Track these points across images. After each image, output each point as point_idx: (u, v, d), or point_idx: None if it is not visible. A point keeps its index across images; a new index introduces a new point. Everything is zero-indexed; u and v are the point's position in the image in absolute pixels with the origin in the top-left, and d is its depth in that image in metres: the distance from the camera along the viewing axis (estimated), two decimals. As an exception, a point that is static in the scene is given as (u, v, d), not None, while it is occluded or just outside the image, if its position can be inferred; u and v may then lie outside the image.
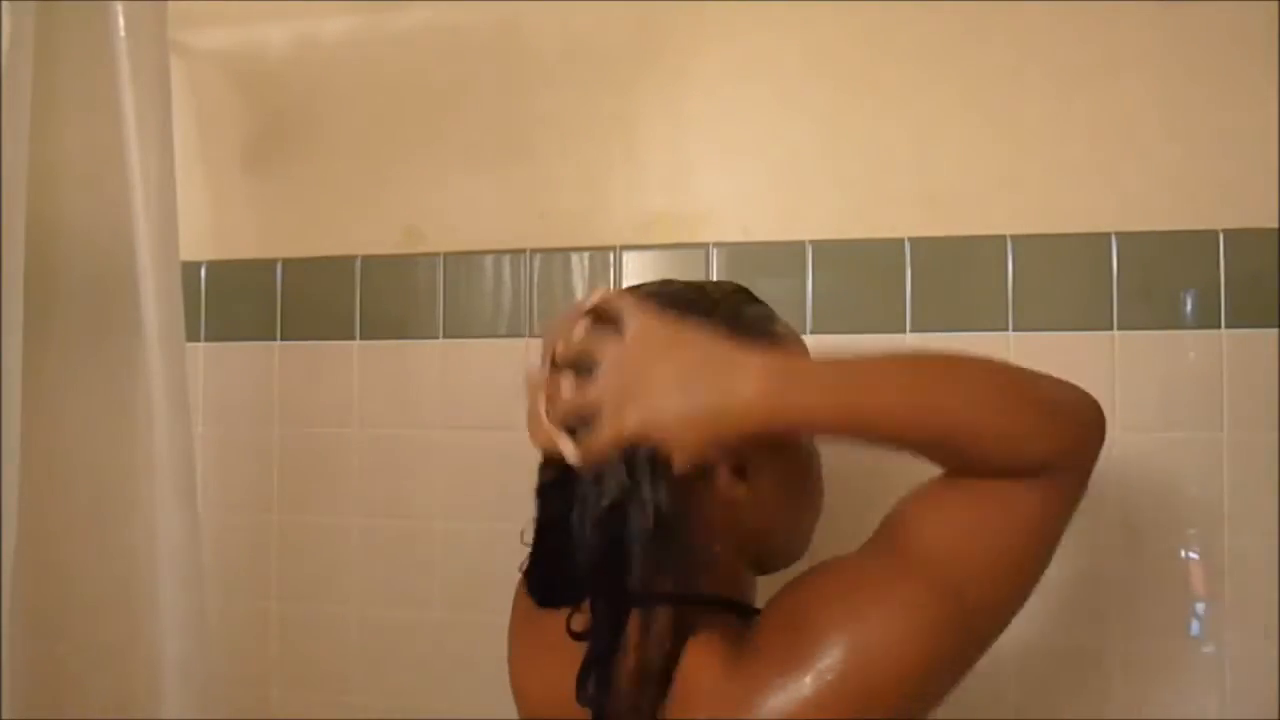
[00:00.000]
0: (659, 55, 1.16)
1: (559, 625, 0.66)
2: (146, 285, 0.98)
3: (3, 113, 0.87)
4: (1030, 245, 1.06)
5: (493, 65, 1.21)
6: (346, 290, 1.23)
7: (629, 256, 1.16)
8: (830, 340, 1.08)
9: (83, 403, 1.05)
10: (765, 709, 0.57)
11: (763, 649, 0.60)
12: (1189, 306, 1.03)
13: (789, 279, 1.10)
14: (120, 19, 0.96)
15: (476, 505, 1.17)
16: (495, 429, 1.15)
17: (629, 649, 0.61)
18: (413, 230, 1.23)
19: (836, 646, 0.57)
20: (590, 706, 0.62)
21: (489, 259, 1.19)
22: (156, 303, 0.98)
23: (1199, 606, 1.02)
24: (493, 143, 1.21)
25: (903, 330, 1.08)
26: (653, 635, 0.62)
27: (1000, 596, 0.60)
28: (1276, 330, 1.00)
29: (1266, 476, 1.00)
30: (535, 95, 1.20)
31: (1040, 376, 0.63)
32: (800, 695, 0.56)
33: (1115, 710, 1.03)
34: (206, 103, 1.29)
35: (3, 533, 0.87)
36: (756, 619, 0.65)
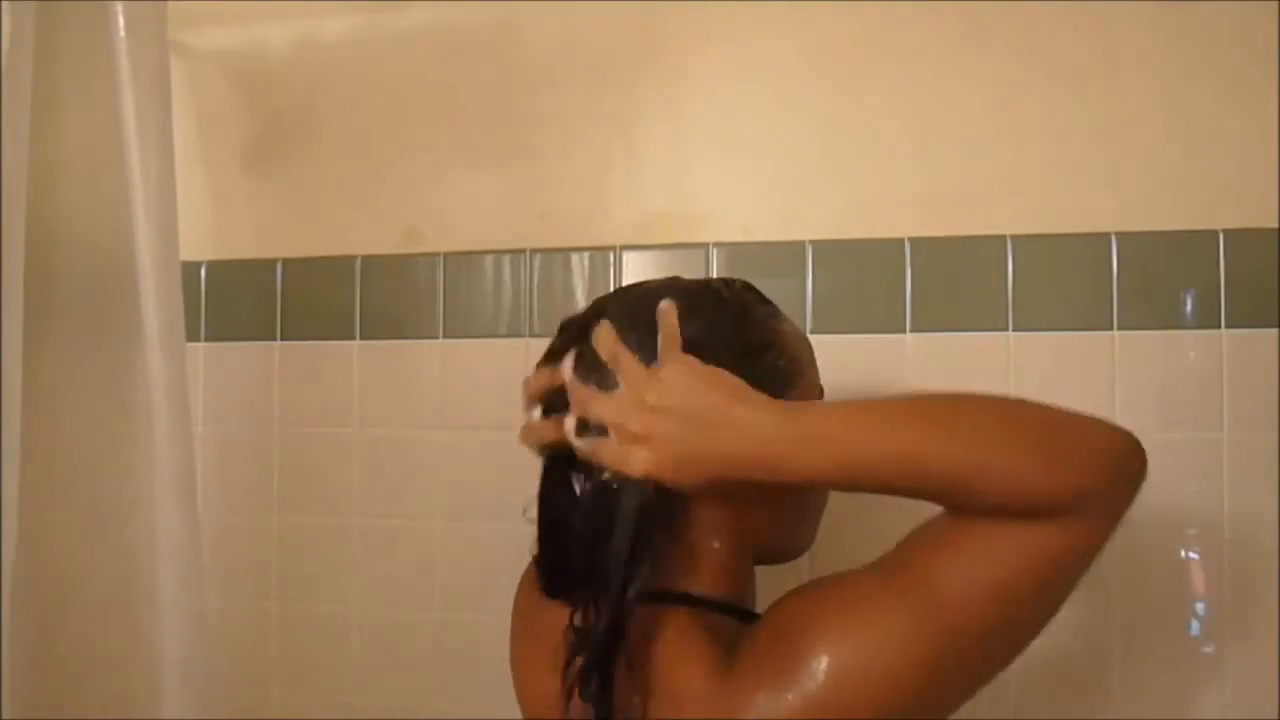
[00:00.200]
0: (659, 55, 1.16)
1: (558, 623, 0.66)
2: (146, 285, 0.98)
3: (3, 113, 0.87)
4: (1030, 245, 1.06)
5: (493, 65, 1.21)
6: (346, 290, 1.23)
7: (629, 256, 1.16)
8: (834, 339, 1.08)
9: (83, 402, 1.05)
10: (748, 718, 0.57)
11: (753, 658, 0.60)
12: (1189, 306, 1.03)
13: (789, 279, 1.10)
14: (120, 19, 0.96)
15: (476, 505, 1.17)
16: (495, 429, 1.15)
17: (626, 647, 0.62)
18: (413, 230, 1.23)
19: (822, 661, 0.57)
20: (592, 704, 0.62)
21: (489, 259, 1.19)
22: (156, 303, 0.98)
23: (1199, 606, 1.02)
24: (493, 143, 1.21)
25: (903, 330, 1.08)
26: (649, 634, 0.62)
27: (998, 630, 0.59)
28: (1276, 330, 1.00)
29: (1266, 476, 1.00)
30: (535, 95, 1.19)
31: (1064, 415, 0.60)
32: (782, 708, 0.57)
33: (1115, 710, 1.03)
34: (206, 103, 1.29)
35: (3, 533, 0.87)
36: (752, 623, 0.65)
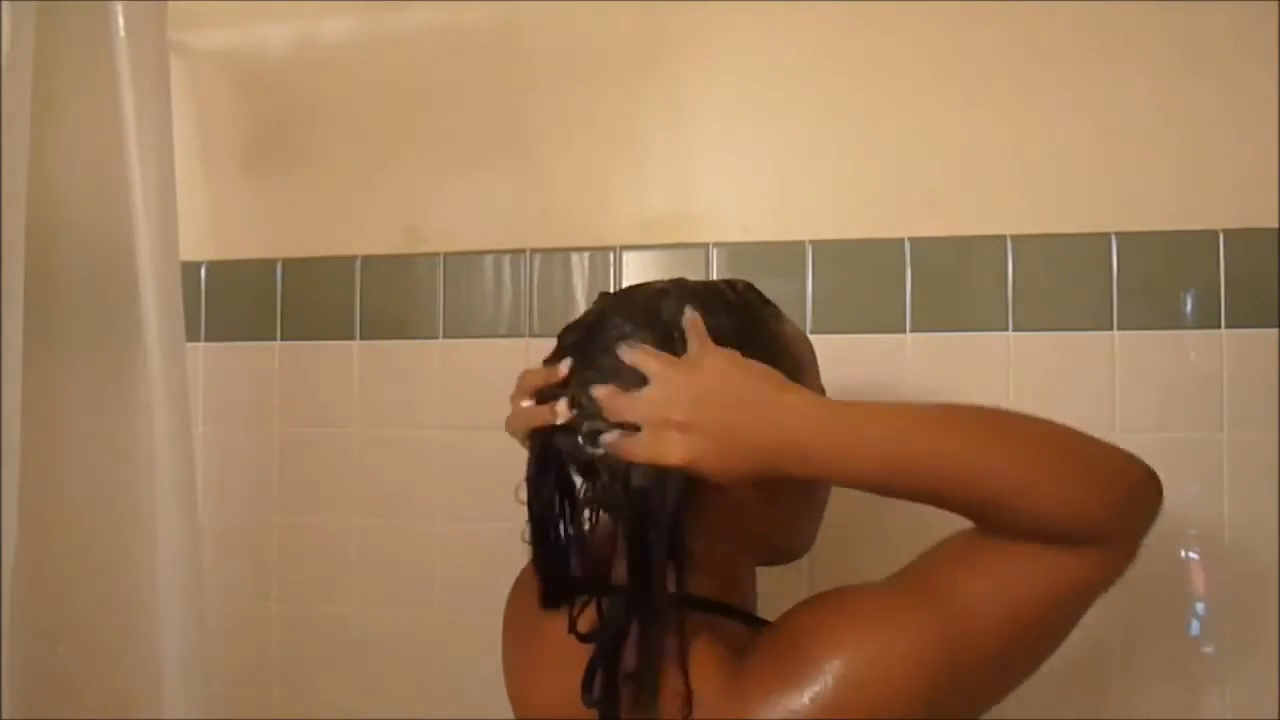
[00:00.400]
0: (659, 55, 1.16)
1: (556, 628, 0.66)
2: (146, 285, 0.97)
3: (3, 113, 0.87)
4: (1030, 245, 1.06)
5: (493, 65, 1.21)
6: (346, 290, 1.23)
7: (629, 256, 1.15)
8: (838, 339, 1.08)
9: (83, 403, 1.05)
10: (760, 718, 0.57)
11: (765, 665, 0.60)
12: (1189, 306, 1.03)
13: (789, 279, 1.10)
14: (120, 19, 0.96)
15: (476, 505, 1.17)
16: (495, 429, 1.14)
17: (633, 650, 0.61)
18: (413, 230, 1.23)
19: (837, 668, 0.57)
20: (597, 708, 0.62)
21: (489, 259, 1.19)
22: (156, 303, 0.98)
23: (1199, 606, 1.02)
24: (493, 143, 1.21)
25: (903, 330, 1.08)
26: (654, 637, 0.61)
27: (1010, 651, 0.59)
28: (1276, 330, 1.01)
29: (1266, 476, 1.00)
30: (535, 95, 1.20)
31: (1094, 442, 0.60)
32: (796, 710, 0.57)
33: (1115, 710, 1.03)
34: (206, 103, 1.29)
35: (3, 533, 0.87)
36: (762, 630, 0.65)
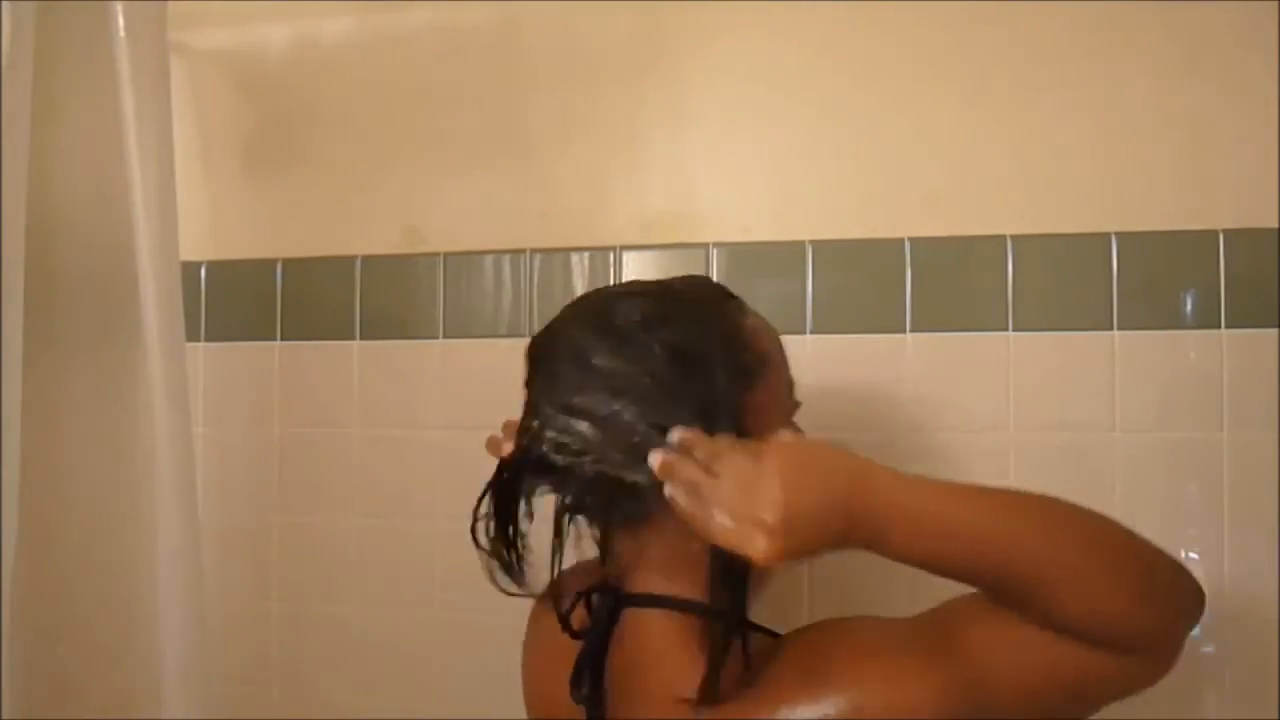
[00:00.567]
0: (659, 55, 1.16)
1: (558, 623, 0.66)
2: (146, 285, 0.97)
3: (3, 113, 0.87)
4: (1030, 245, 1.06)
5: (493, 65, 1.21)
6: (346, 290, 1.23)
7: (629, 256, 1.15)
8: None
9: (83, 403, 1.05)
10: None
11: (786, 678, 0.59)
12: (1189, 306, 1.03)
13: (789, 279, 1.10)
14: (120, 19, 0.96)
15: (476, 505, 1.17)
16: (495, 429, 1.15)
17: (621, 649, 0.62)
18: (413, 230, 1.22)
19: (854, 702, 0.56)
20: (584, 705, 0.63)
21: (489, 259, 1.19)
22: (156, 303, 0.98)
23: (1199, 606, 1.02)
24: (493, 143, 1.21)
25: (903, 330, 1.08)
26: (642, 637, 0.63)
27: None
28: (1276, 330, 1.00)
29: (1266, 476, 1.00)
30: (535, 95, 1.19)
31: (1152, 548, 0.58)
32: None
33: (1115, 711, 1.03)
34: (206, 103, 1.29)
35: (3, 533, 0.87)
36: (780, 640, 0.64)
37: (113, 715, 1.03)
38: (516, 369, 0.72)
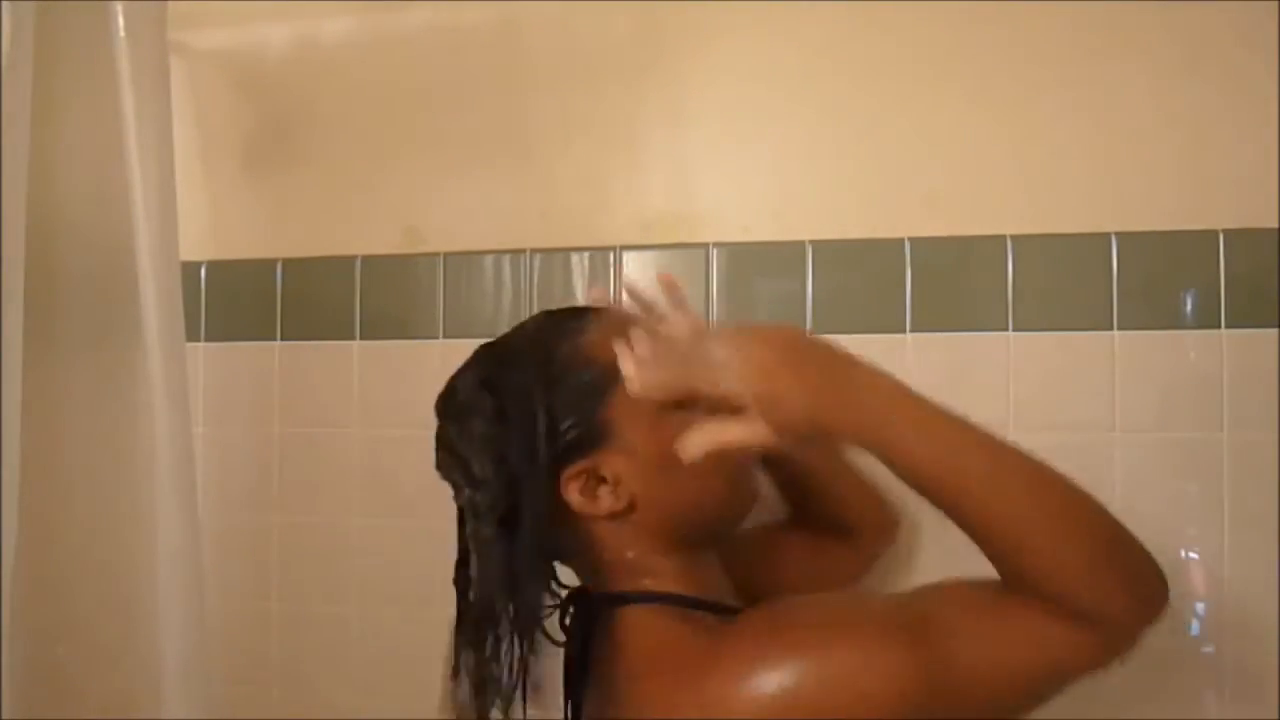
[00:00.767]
0: (659, 55, 1.16)
1: None
2: (146, 285, 0.97)
3: (3, 113, 0.87)
4: (1030, 245, 1.06)
5: (493, 65, 1.21)
6: (346, 290, 1.23)
7: (629, 256, 1.15)
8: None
9: (82, 403, 1.04)
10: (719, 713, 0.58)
11: (745, 649, 0.60)
12: (1189, 306, 1.03)
13: (789, 279, 1.10)
14: (120, 19, 0.96)
15: (476, 505, 1.17)
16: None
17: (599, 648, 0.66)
18: (413, 230, 1.22)
19: (800, 668, 0.56)
20: (571, 699, 0.68)
21: (489, 259, 1.19)
22: (156, 303, 0.98)
23: (1199, 606, 1.02)
24: (493, 143, 1.21)
25: (903, 330, 1.08)
26: (612, 634, 0.66)
27: (978, 708, 0.58)
28: (1276, 330, 1.00)
29: (1266, 476, 1.00)
30: (535, 95, 1.19)
31: (1130, 535, 0.60)
32: (751, 706, 0.57)
33: (1115, 710, 1.03)
34: (206, 103, 1.29)
35: (3, 533, 0.87)
36: (745, 613, 0.65)
37: (113, 715, 1.03)
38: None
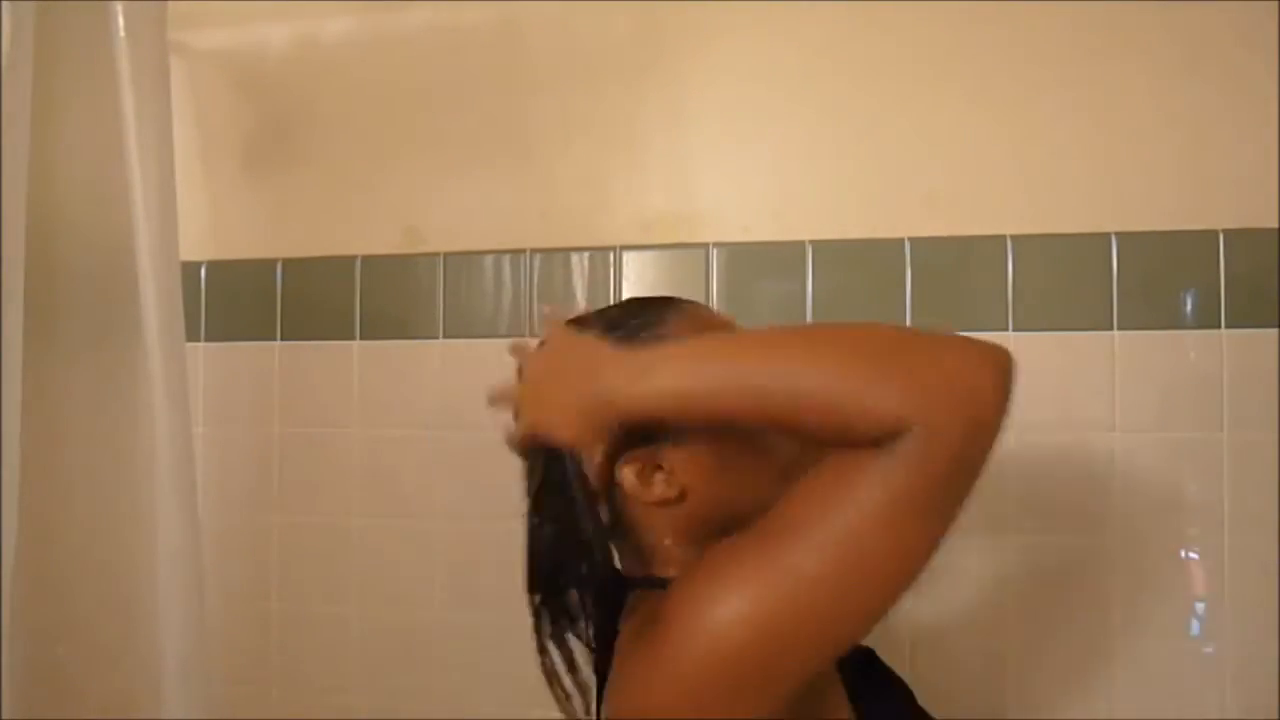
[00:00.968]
0: (659, 55, 1.16)
1: None
2: (146, 285, 0.98)
3: (3, 113, 0.87)
4: (1030, 245, 1.06)
5: (493, 65, 1.21)
6: (346, 290, 1.23)
7: (629, 256, 1.16)
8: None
9: (83, 403, 1.04)
10: (625, 693, 0.60)
11: (648, 634, 0.60)
12: (1189, 306, 1.03)
13: (789, 279, 1.11)
14: (120, 19, 0.96)
15: (476, 505, 1.17)
16: (495, 429, 1.15)
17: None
18: (413, 230, 1.23)
19: (676, 624, 0.57)
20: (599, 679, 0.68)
21: (489, 259, 1.19)
22: (156, 303, 0.98)
23: (1199, 606, 1.02)
24: (493, 143, 1.21)
25: (903, 330, 1.08)
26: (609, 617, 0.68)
27: (840, 577, 0.55)
28: (1276, 330, 1.01)
29: (1266, 476, 1.00)
30: (535, 95, 1.20)
31: (915, 336, 0.58)
32: (644, 679, 0.58)
33: (1115, 710, 1.03)
34: (206, 103, 1.29)
35: (3, 533, 0.87)
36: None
37: (113, 715, 1.03)
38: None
